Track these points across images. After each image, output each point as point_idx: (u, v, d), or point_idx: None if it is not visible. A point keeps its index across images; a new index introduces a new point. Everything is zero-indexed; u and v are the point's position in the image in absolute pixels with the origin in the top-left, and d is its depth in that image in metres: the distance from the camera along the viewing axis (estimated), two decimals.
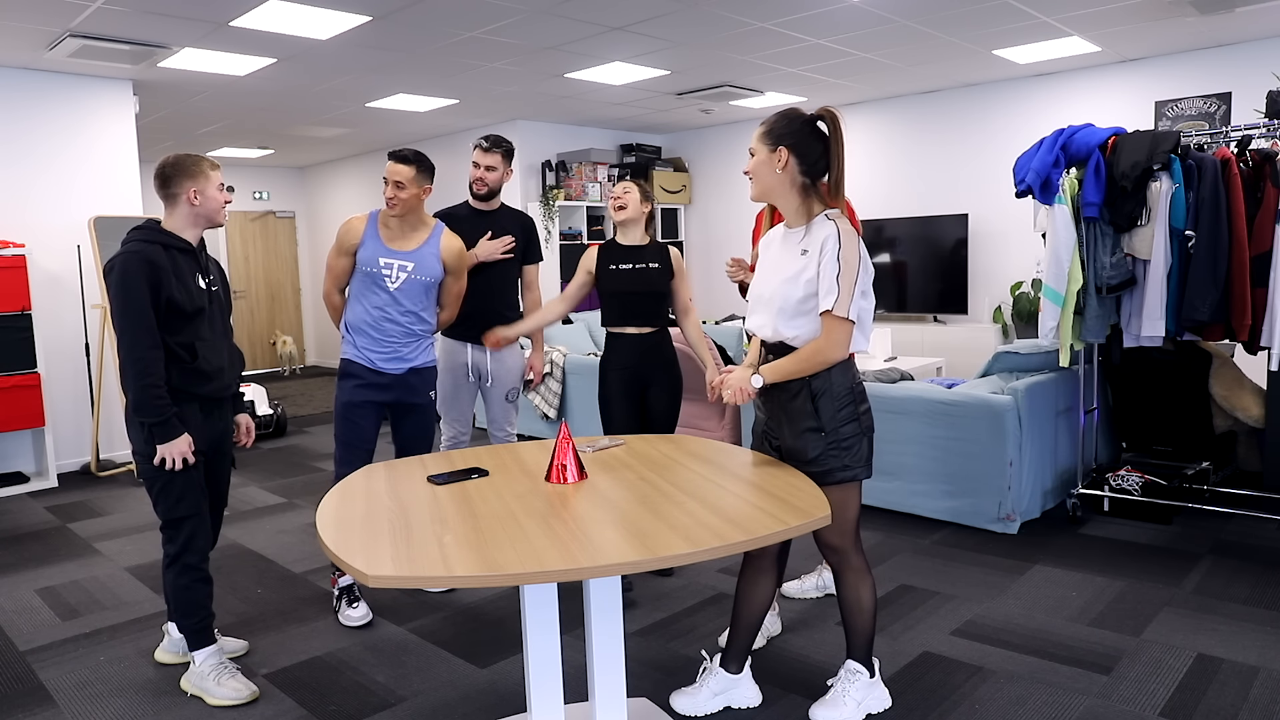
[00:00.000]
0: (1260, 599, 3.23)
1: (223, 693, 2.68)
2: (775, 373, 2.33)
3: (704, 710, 2.53)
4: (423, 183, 3.18)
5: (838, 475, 2.32)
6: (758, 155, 2.33)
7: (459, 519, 1.97)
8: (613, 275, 3.41)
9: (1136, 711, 2.49)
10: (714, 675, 2.56)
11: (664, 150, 9.27)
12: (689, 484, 2.19)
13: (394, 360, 3.23)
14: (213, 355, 2.69)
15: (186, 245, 2.67)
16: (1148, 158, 3.64)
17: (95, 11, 4.45)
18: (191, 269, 2.67)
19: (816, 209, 2.32)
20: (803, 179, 2.31)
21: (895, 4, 4.80)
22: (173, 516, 2.67)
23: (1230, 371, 4.33)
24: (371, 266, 3.16)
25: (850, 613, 2.47)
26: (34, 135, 5.63)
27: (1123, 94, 6.39)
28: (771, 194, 2.35)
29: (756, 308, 2.44)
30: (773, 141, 2.30)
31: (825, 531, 2.38)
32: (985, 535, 4.01)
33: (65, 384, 5.78)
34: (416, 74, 6.09)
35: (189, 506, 2.67)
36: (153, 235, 2.63)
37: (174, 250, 2.63)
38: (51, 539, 4.41)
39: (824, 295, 2.23)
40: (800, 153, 2.28)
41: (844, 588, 2.46)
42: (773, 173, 2.31)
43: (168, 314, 2.57)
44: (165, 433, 2.56)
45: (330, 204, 10.76)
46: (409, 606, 3.39)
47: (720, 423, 5.25)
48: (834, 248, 2.22)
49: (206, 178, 2.66)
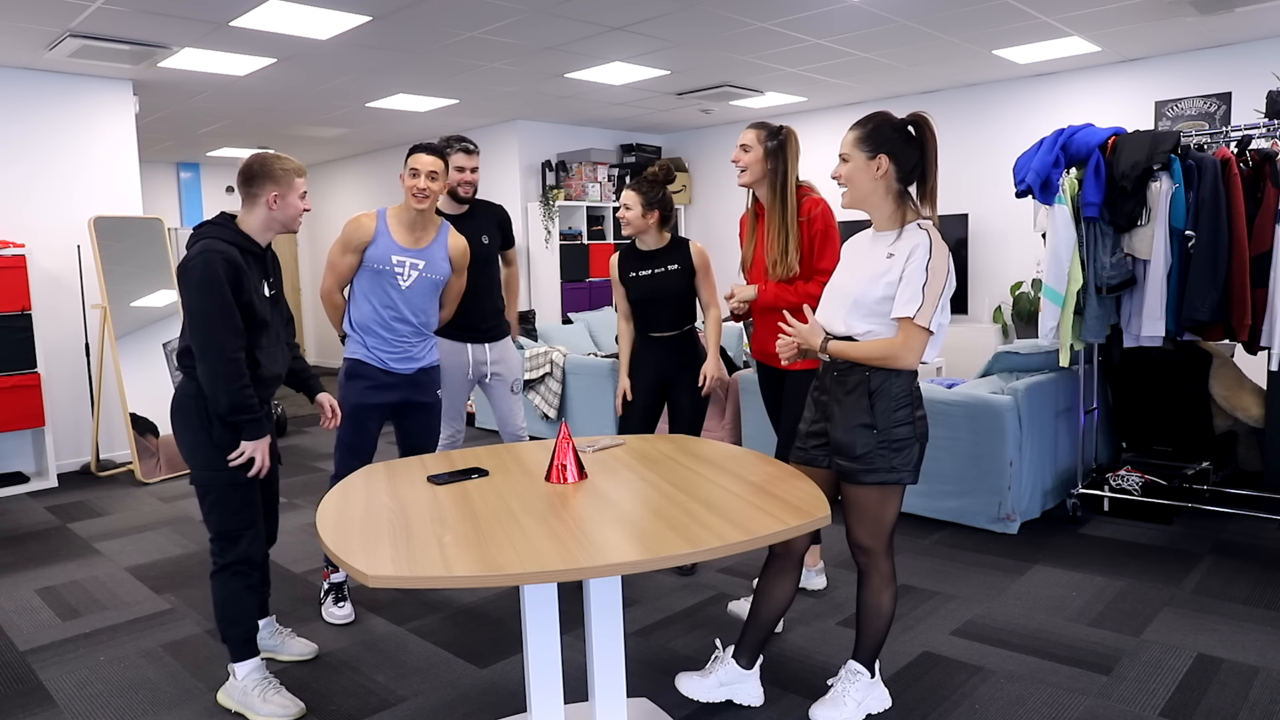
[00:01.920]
0: (1260, 599, 3.24)
1: (268, 709, 2.54)
2: (842, 350, 2.29)
3: (707, 697, 2.53)
4: (446, 178, 3.19)
5: (883, 475, 2.30)
6: (853, 161, 2.28)
7: (459, 519, 1.97)
8: (632, 283, 3.44)
9: (1136, 711, 2.49)
10: (724, 665, 2.56)
11: (664, 150, 9.27)
12: (689, 484, 2.19)
13: (405, 360, 3.23)
14: (272, 364, 2.62)
15: (259, 249, 2.59)
16: (1148, 158, 3.64)
17: (95, 11, 4.45)
18: (260, 274, 2.60)
19: (910, 216, 2.30)
20: (898, 185, 2.28)
21: (895, 4, 4.80)
22: (227, 529, 2.56)
23: (1230, 371, 4.33)
24: (383, 264, 3.14)
25: (867, 617, 2.44)
26: (34, 135, 5.63)
27: (1123, 94, 6.39)
28: (867, 201, 2.31)
29: (830, 300, 2.40)
30: (871, 148, 2.25)
31: (860, 530, 2.37)
32: (985, 535, 4.01)
33: (65, 384, 5.78)
34: (416, 74, 6.09)
35: (245, 520, 2.57)
36: (230, 235, 2.51)
37: (249, 254, 2.54)
38: (51, 539, 4.41)
39: (907, 302, 2.20)
40: (899, 160, 2.25)
41: (866, 590, 2.43)
42: (871, 180, 2.27)
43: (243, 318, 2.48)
44: (257, 430, 2.50)
45: (330, 204, 10.76)
46: (409, 606, 3.39)
47: (720, 423, 5.24)
48: (924, 257, 2.20)
49: (290, 185, 2.57)
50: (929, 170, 2.26)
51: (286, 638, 2.97)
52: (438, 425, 3.39)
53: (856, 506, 2.35)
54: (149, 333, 5.76)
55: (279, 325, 2.70)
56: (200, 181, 10.57)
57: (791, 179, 2.99)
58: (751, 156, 2.99)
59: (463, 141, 3.60)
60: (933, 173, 2.25)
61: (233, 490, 2.54)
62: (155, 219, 5.98)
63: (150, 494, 5.23)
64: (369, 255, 3.14)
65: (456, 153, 3.57)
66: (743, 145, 3.00)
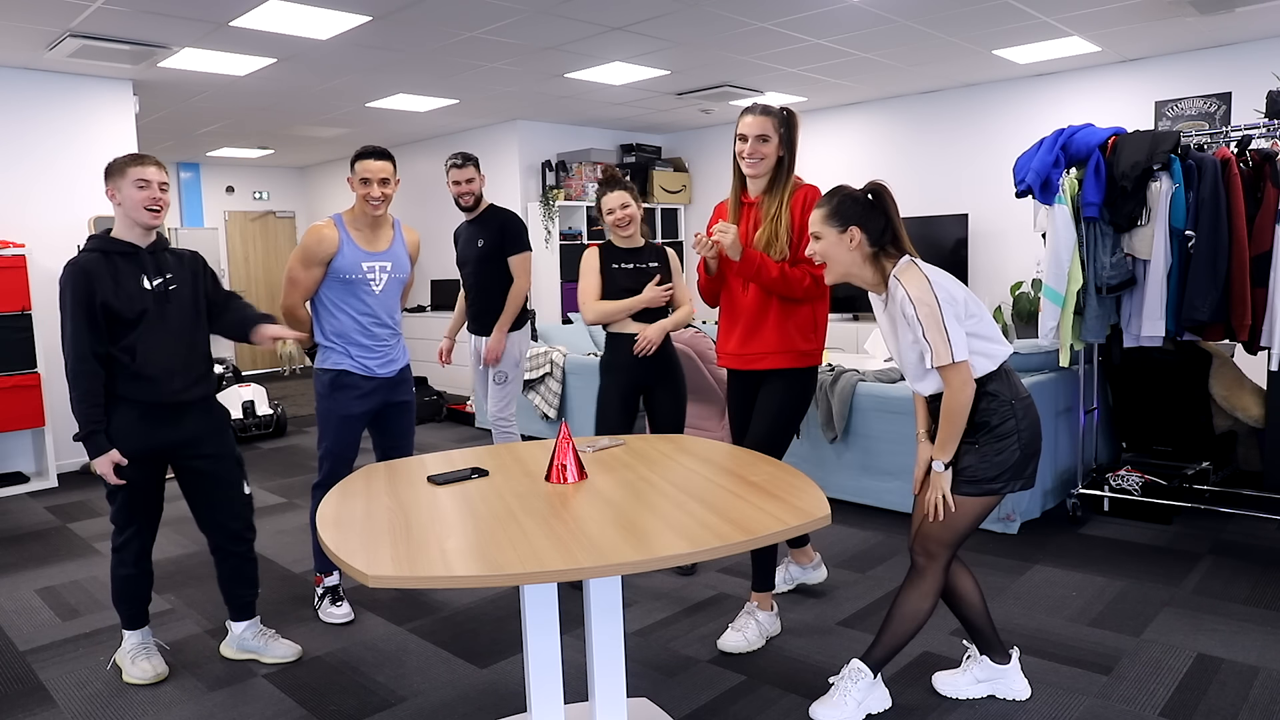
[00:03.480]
0: (1260, 599, 3.23)
1: (134, 671, 2.82)
2: (945, 449, 2.34)
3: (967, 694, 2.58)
4: (395, 176, 3.20)
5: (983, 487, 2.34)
6: (826, 239, 2.36)
7: (459, 519, 1.97)
8: (616, 275, 3.43)
9: (1136, 711, 2.49)
10: (978, 663, 2.59)
11: (664, 150, 9.27)
12: (689, 484, 2.19)
13: (387, 363, 3.23)
14: (159, 358, 2.64)
15: (128, 248, 2.64)
16: (1148, 158, 3.64)
17: (95, 11, 4.45)
18: (135, 272, 2.63)
19: (888, 269, 2.37)
20: (871, 250, 2.36)
21: (895, 4, 4.80)
22: (116, 520, 2.77)
23: (1230, 371, 4.33)
24: (353, 274, 3.11)
25: (899, 619, 2.45)
26: (34, 135, 5.63)
27: (1123, 94, 6.39)
28: (849, 273, 2.39)
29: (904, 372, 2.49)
30: (840, 223, 2.34)
31: (930, 527, 2.40)
32: (985, 535, 4.00)
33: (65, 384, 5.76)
34: (416, 74, 6.09)
35: (124, 519, 2.75)
36: (95, 243, 2.64)
37: (114, 255, 2.62)
38: (51, 539, 4.41)
39: (925, 352, 2.28)
40: (868, 229, 2.34)
41: (912, 592, 2.44)
42: (846, 252, 2.36)
43: (106, 320, 2.57)
44: (92, 447, 2.60)
45: (330, 204, 10.75)
46: (409, 606, 3.39)
47: (720, 423, 5.24)
48: (910, 311, 2.27)
49: (122, 174, 2.60)
50: (898, 230, 2.36)
51: (270, 639, 2.98)
52: (413, 425, 3.44)
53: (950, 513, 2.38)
54: None
55: (179, 319, 2.69)
56: (200, 181, 10.57)
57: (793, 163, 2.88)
58: (770, 146, 2.83)
59: (452, 157, 3.95)
60: (901, 230, 2.36)
61: (113, 492, 2.72)
62: None
63: None
64: (336, 266, 3.09)
65: (450, 168, 3.96)
66: (761, 136, 2.81)
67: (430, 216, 8.83)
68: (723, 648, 2.92)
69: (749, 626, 2.95)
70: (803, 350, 2.90)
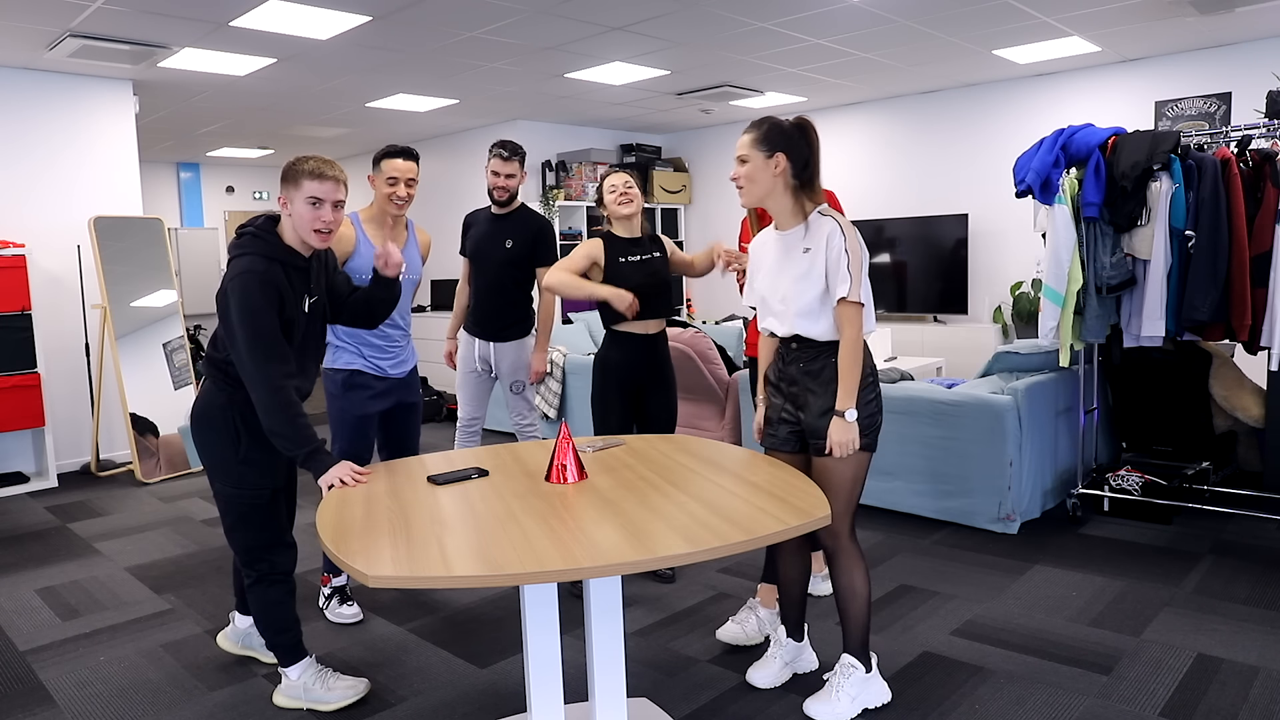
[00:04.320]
0: (1260, 599, 3.23)
1: (334, 695, 2.61)
2: (850, 392, 2.37)
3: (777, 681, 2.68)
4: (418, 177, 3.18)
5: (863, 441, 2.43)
6: (752, 162, 2.42)
7: (459, 519, 1.97)
8: (623, 269, 3.35)
9: (1136, 711, 2.49)
10: (783, 646, 2.70)
11: (664, 150, 9.27)
12: (689, 484, 2.19)
13: (399, 364, 3.24)
14: (304, 383, 2.49)
15: (301, 263, 2.43)
16: (1148, 158, 3.64)
17: (95, 11, 4.45)
18: (302, 290, 2.44)
19: (808, 208, 2.46)
20: (794, 181, 2.44)
21: (895, 4, 4.80)
22: (251, 545, 2.53)
23: (1230, 371, 4.33)
24: (368, 273, 3.06)
25: (844, 599, 2.50)
26: (34, 135, 5.63)
27: (1123, 94, 6.39)
28: (768, 198, 2.46)
29: (772, 309, 2.52)
30: (768, 148, 2.41)
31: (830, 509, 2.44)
32: (985, 535, 4.01)
33: (65, 384, 5.78)
34: (416, 74, 6.09)
35: (270, 536, 2.55)
36: (272, 250, 2.39)
37: (290, 269, 2.40)
38: (51, 539, 4.41)
39: (839, 284, 2.35)
40: (793, 157, 2.41)
41: (838, 573, 2.51)
42: (770, 177, 2.42)
43: None
44: (321, 464, 2.31)
45: None
46: (409, 606, 3.39)
47: (720, 423, 5.24)
48: (840, 241, 2.36)
49: (297, 185, 2.37)
50: (816, 168, 2.45)
51: None
52: (419, 426, 3.43)
53: (828, 483, 2.41)
54: (149, 333, 5.76)
55: (314, 340, 2.57)
56: (200, 181, 10.57)
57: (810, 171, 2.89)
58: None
59: (500, 146, 3.64)
60: (817, 169, 2.45)
61: (254, 510, 2.51)
62: (155, 219, 5.98)
63: (150, 494, 5.23)
64: (351, 266, 3.07)
65: (493, 157, 3.66)
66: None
67: (430, 216, 8.82)
68: (720, 637, 2.97)
69: (749, 621, 2.98)
70: None
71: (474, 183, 8.31)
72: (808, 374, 2.46)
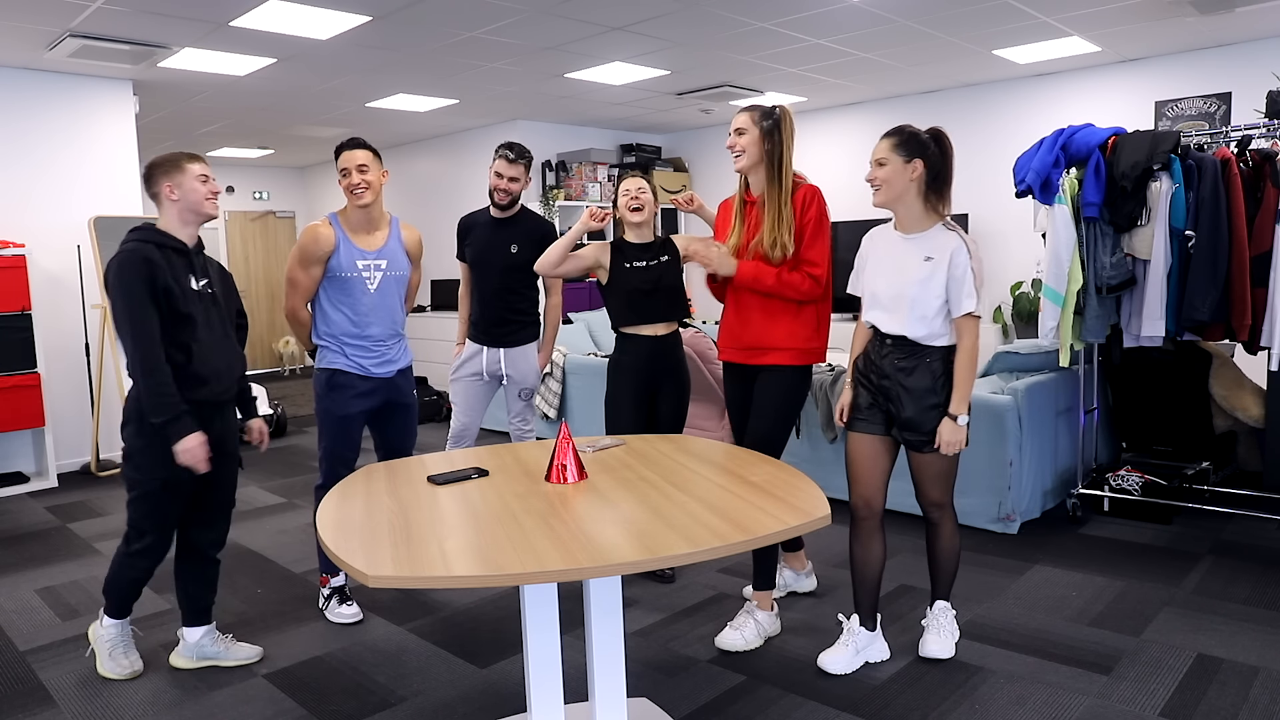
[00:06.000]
0: (1260, 599, 3.24)
1: (111, 666, 2.84)
2: (964, 397, 2.58)
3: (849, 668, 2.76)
4: (380, 167, 3.15)
5: None
6: (890, 165, 2.56)
7: (459, 519, 1.97)
8: (629, 274, 3.34)
9: (1136, 711, 2.49)
10: (855, 634, 2.79)
11: (664, 150, 9.27)
12: (689, 484, 2.19)
13: (384, 364, 3.21)
14: (210, 357, 2.67)
15: (180, 245, 2.66)
16: (1148, 158, 3.64)
17: (95, 11, 4.45)
18: (185, 270, 2.65)
19: (934, 217, 2.61)
20: (927, 188, 2.58)
21: (895, 4, 4.80)
22: (136, 524, 2.72)
23: (1230, 371, 4.33)
24: (349, 272, 3.10)
25: (947, 558, 2.82)
26: (34, 135, 5.63)
27: (1123, 94, 6.39)
28: (901, 200, 2.60)
29: (883, 305, 2.66)
30: (907, 153, 2.55)
31: (934, 490, 2.73)
32: (985, 535, 4.01)
33: (65, 384, 5.78)
34: (416, 74, 6.09)
35: (156, 524, 2.71)
36: (147, 235, 2.64)
37: (168, 250, 2.62)
38: (51, 539, 4.41)
39: (965, 299, 2.54)
40: (930, 165, 2.56)
41: (943, 538, 2.79)
42: (906, 181, 2.56)
43: (164, 314, 2.57)
44: (179, 430, 2.54)
45: (330, 204, 10.75)
46: (409, 606, 3.39)
47: (720, 423, 5.25)
48: (964, 259, 2.53)
49: (182, 170, 2.65)
50: (949, 176, 2.59)
51: (230, 644, 2.96)
52: (415, 426, 3.40)
53: (932, 471, 2.69)
54: None
55: (219, 323, 2.75)
56: None
57: (788, 159, 2.87)
58: (747, 139, 2.86)
59: (506, 148, 3.60)
60: (950, 179, 2.59)
61: (144, 496, 2.68)
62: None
63: None
64: (332, 265, 3.10)
65: (498, 158, 3.61)
66: (737, 129, 2.89)
67: (430, 216, 8.82)
68: (720, 645, 2.93)
69: (747, 626, 2.95)
70: (805, 349, 2.93)
71: (474, 183, 8.31)
72: (901, 370, 2.62)
